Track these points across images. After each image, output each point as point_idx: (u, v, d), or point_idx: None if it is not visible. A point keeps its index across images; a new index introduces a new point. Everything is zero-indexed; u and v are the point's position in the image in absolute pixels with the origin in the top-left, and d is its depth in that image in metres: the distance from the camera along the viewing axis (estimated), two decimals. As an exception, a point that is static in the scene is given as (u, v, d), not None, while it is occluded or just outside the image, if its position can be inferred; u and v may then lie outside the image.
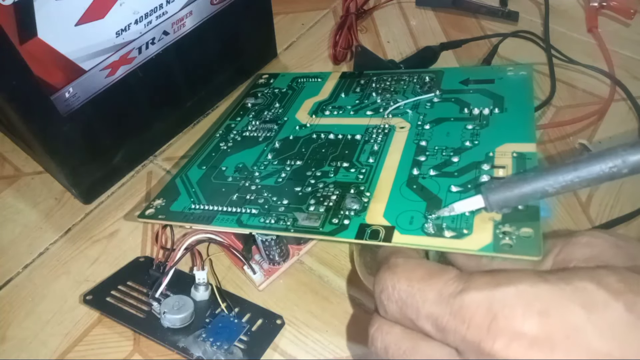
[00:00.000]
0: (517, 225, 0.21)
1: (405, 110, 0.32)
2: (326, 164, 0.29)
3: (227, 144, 0.34)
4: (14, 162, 0.40)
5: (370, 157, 0.29)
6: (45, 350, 0.29)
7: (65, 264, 0.33)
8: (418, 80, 0.35)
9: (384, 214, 0.25)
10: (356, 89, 0.36)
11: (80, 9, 0.28)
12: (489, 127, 0.29)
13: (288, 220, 0.26)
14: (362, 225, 0.25)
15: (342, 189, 0.27)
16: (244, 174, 0.30)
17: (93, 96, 0.32)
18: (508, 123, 0.29)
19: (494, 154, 0.27)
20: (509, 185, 0.20)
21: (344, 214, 0.26)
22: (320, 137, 0.32)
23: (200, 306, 0.28)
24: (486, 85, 0.32)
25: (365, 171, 0.28)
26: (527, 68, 0.33)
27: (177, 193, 0.30)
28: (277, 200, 0.28)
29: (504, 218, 0.22)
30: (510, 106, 0.30)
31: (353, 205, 0.26)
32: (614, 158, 0.17)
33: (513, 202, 0.21)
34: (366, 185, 0.27)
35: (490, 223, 0.22)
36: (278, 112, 0.36)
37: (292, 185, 0.29)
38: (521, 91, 0.31)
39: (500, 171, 0.25)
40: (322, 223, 0.25)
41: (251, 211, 0.27)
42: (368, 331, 0.20)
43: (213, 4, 0.36)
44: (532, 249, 0.20)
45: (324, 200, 0.27)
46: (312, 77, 0.39)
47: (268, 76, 0.40)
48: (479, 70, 0.36)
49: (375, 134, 0.31)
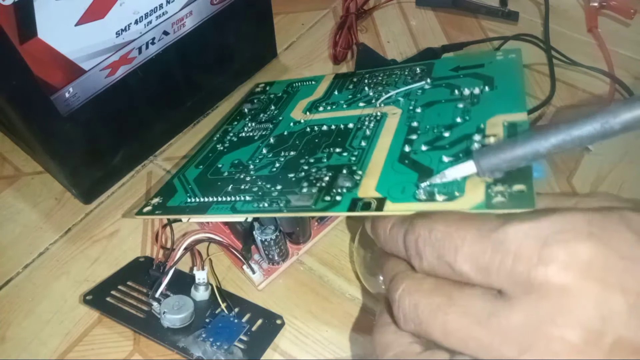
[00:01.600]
0: (510, 184, 0.21)
1: (397, 99, 0.32)
2: (319, 152, 0.29)
3: (223, 145, 0.34)
4: (14, 162, 0.40)
5: (363, 141, 0.29)
6: (45, 350, 0.29)
7: (65, 264, 0.33)
8: (409, 72, 0.35)
9: (376, 188, 0.24)
10: (349, 86, 0.36)
11: (80, 9, 0.28)
12: (479, 104, 0.28)
13: (281, 202, 0.26)
14: (354, 199, 0.24)
15: (334, 171, 0.27)
16: (239, 168, 0.30)
17: (93, 96, 0.32)
18: (498, 97, 0.28)
19: (485, 125, 0.26)
20: (500, 148, 0.20)
21: (336, 191, 0.25)
22: (314, 130, 0.32)
23: (200, 306, 0.28)
24: (477, 69, 0.32)
25: (357, 154, 0.28)
26: (516, 51, 0.33)
27: (174, 191, 0.30)
28: (270, 187, 0.28)
29: (496, 180, 0.21)
30: (500, 83, 0.30)
31: (345, 183, 0.25)
32: (605, 114, 0.17)
33: (505, 164, 0.20)
34: (358, 165, 0.27)
35: (482, 184, 0.21)
36: (273, 114, 0.36)
37: (285, 172, 0.28)
38: (511, 71, 0.31)
39: (492, 139, 0.25)
40: (314, 201, 0.25)
41: (245, 198, 0.27)
42: (391, 296, 0.19)
43: (213, 4, 0.36)
44: (525, 201, 0.19)
45: (317, 182, 0.26)
46: (307, 81, 0.39)
47: (264, 84, 0.41)
48: (468, 58, 0.36)
49: (368, 121, 0.31)
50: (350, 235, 0.33)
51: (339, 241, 0.33)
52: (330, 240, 0.33)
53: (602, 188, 0.34)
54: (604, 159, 0.36)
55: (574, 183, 0.35)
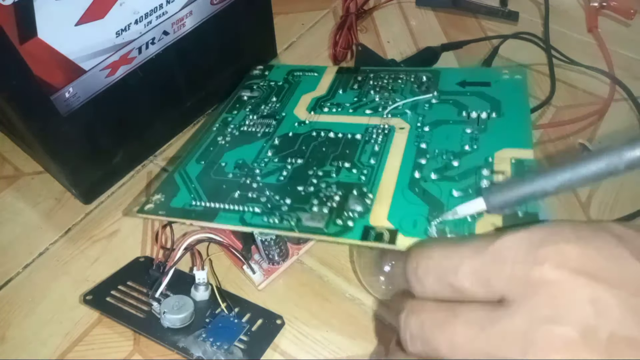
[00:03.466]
0: (517, 230, 0.22)
1: (404, 111, 0.33)
2: (327, 164, 0.30)
3: (224, 139, 0.33)
4: (14, 162, 0.40)
5: (372, 158, 0.29)
6: (45, 350, 0.29)
7: (65, 264, 0.33)
8: (415, 79, 0.35)
9: (388, 217, 0.25)
10: (354, 86, 0.36)
11: (80, 9, 0.28)
12: (487, 132, 0.30)
13: (292, 220, 0.26)
14: (366, 227, 0.25)
15: (344, 190, 0.27)
16: (244, 170, 0.30)
17: (93, 96, 0.32)
18: (506, 128, 0.30)
19: (493, 159, 0.27)
20: (509, 186, 0.21)
21: (347, 215, 0.26)
22: (320, 135, 0.32)
23: (200, 306, 0.28)
24: (483, 88, 0.33)
25: (367, 172, 0.28)
26: (522, 71, 0.34)
27: (176, 188, 0.30)
28: (279, 199, 0.28)
29: (504, 224, 0.23)
30: (507, 111, 0.31)
31: (357, 207, 0.26)
32: (611, 155, 0.18)
33: (513, 201, 0.21)
34: (368, 186, 0.27)
35: (490, 228, 0.23)
36: (275, 107, 0.36)
37: (294, 184, 0.29)
38: (517, 95, 0.32)
39: (500, 177, 0.26)
40: (326, 224, 0.26)
41: (254, 209, 0.27)
42: (398, 320, 0.19)
43: (213, 4, 0.36)
44: None
45: (327, 201, 0.27)
46: (308, 71, 0.39)
47: (263, 67, 0.40)
48: (475, 72, 0.37)
49: (375, 134, 0.31)
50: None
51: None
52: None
53: (601, 190, 0.34)
54: (604, 159, 0.36)
55: (574, 183, 0.35)
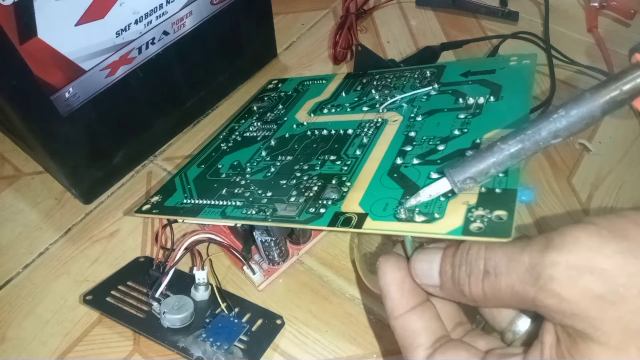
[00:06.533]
0: (491, 209, 0.20)
1: (401, 105, 0.32)
2: (314, 158, 0.29)
3: (227, 145, 0.34)
4: (14, 162, 0.40)
5: (358, 150, 0.29)
6: (45, 350, 0.29)
7: (65, 264, 0.33)
8: (419, 75, 0.35)
9: (360, 202, 0.24)
10: (357, 88, 0.36)
11: (80, 9, 0.28)
12: (481, 116, 0.28)
13: (268, 210, 0.26)
14: (336, 213, 0.24)
15: (324, 181, 0.27)
16: (237, 170, 0.31)
17: (93, 96, 0.32)
18: (501, 110, 0.28)
19: (481, 140, 0.26)
20: (469, 159, 0.20)
21: (321, 203, 0.25)
22: (314, 134, 0.32)
23: (200, 306, 0.28)
24: (486, 76, 0.32)
25: (350, 163, 0.28)
26: (532, 57, 0.32)
27: (173, 190, 0.31)
28: (262, 193, 0.28)
29: (478, 202, 0.21)
30: (507, 94, 0.29)
31: (332, 195, 0.26)
32: (554, 114, 0.18)
33: (476, 174, 0.20)
34: (348, 176, 0.27)
35: (463, 207, 0.21)
36: (280, 113, 0.36)
37: (278, 178, 0.29)
38: (521, 79, 0.30)
39: None
40: (298, 212, 0.25)
41: (236, 203, 0.28)
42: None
43: (213, 4, 0.36)
44: (502, 230, 0.19)
45: (305, 191, 0.27)
46: (318, 80, 0.39)
47: (277, 81, 0.41)
48: (482, 62, 0.35)
49: (367, 127, 0.31)
50: (351, 235, 0.33)
51: (339, 241, 0.33)
52: (330, 240, 0.33)
53: (602, 188, 0.34)
54: (604, 160, 0.36)
55: (573, 183, 0.35)
